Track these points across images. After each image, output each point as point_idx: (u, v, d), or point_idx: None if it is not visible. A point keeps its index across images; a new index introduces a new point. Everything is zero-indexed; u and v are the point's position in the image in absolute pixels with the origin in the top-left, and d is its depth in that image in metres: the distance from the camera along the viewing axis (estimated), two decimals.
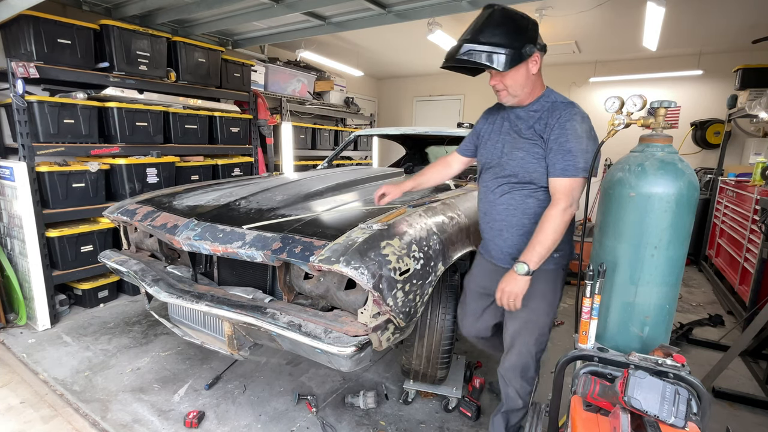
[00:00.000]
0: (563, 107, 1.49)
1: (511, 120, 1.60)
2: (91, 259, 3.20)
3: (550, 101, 1.53)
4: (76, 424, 2.04)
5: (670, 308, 1.39)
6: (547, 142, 1.48)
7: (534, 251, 1.45)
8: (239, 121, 4.33)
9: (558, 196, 1.46)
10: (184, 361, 2.60)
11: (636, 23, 4.11)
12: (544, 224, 1.45)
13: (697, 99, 5.59)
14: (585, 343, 1.31)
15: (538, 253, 1.45)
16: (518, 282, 1.47)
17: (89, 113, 3.14)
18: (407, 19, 3.49)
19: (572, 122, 1.45)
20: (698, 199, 1.36)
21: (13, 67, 2.73)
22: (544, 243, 1.44)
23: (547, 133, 1.47)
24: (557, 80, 6.33)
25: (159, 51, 3.52)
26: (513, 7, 1.48)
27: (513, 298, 1.49)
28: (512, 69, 1.46)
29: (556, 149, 1.45)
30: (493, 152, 1.63)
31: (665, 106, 1.40)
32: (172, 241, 1.93)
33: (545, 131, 1.48)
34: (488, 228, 1.71)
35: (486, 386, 2.40)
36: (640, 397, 1.00)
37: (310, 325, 1.62)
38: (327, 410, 2.19)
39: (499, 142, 1.62)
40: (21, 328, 2.99)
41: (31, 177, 2.84)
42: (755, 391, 2.42)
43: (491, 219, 1.68)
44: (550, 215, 1.45)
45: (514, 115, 1.59)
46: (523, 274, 1.45)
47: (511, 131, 1.59)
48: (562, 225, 1.44)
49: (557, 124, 1.46)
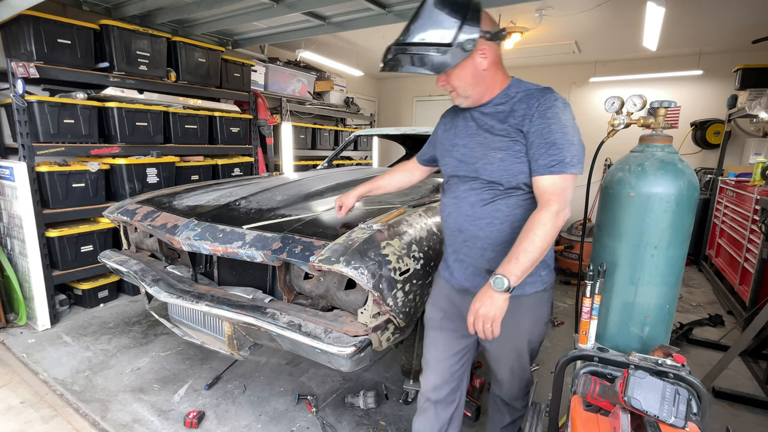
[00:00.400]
0: (540, 94, 1.23)
1: (476, 119, 1.33)
2: (91, 259, 3.20)
3: (522, 90, 1.27)
4: (76, 424, 2.04)
5: (670, 308, 1.39)
6: (527, 135, 1.21)
7: (517, 262, 1.14)
8: (239, 121, 4.33)
9: (546, 197, 1.18)
10: (184, 361, 2.60)
11: (636, 23, 4.10)
12: (532, 229, 1.16)
13: (697, 99, 5.59)
14: (585, 343, 1.31)
15: (521, 264, 1.14)
16: (495, 301, 1.16)
17: (89, 113, 3.14)
18: (407, 19, 3.49)
19: (554, 109, 1.20)
20: (698, 199, 1.36)
21: (13, 67, 2.73)
22: (529, 252, 1.14)
23: (527, 125, 1.21)
24: (557, 80, 6.33)
25: (159, 51, 3.52)
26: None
27: (490, 321, 1.17)
28: (456, 68, 1.22)
29: (539, 143, 1.19)
30: (465, 159, 1.35)
31: (665, 106, 1.40)
32: (172, 241, 1.93)
33: (523, 123, 1.22)
34: (465, 247, 1.38)
35: (486, 386, 2.40)
36: (640, 397, 1.00)
37: (310, 325, 1.62)
38: (327, 410, 2.19)
39: (468, 146, 1.34)
40: (21, 328, 2.99)
41: (31, 177, 2.84)
42: (755, 391, 2.42)
43: (471, 236, 1.35)
44: (538, 219, 1.16)
45: (478, 112, 1.32)
46: (502, 290, 1.14)
47: (480, 131, 1.31)
48: (553, 232, 1.16)
49: (536, 113, 1.20)
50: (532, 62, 6.15)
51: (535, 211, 1.19)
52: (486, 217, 1.32)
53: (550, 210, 1.16)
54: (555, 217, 1.16)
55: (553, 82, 6.43)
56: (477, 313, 1.19)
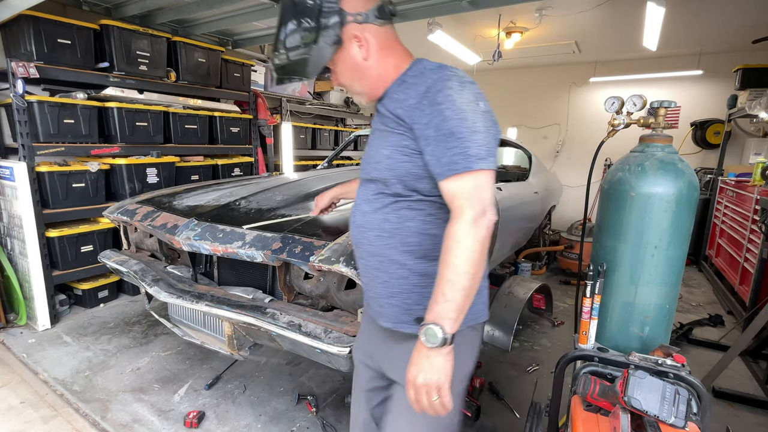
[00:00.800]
0: (431, 73, 0.98)
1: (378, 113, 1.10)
2: (91, 259, 3.20)
3: (417, 72, 1.01)
4: (76, 424, 2.04)
5: (670, 308, 1.39)
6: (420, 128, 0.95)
7: (445, 300, 0.87)
8: (239, 121, 4.33)
9: (457, 203, 0.91)
10: (184, 361, 2.60)
11: (636, 23, 4.10)
12: (449, 251, 0.89)
13: (697, 99, 5.59)
14: (585, 343, 1.31)
15: (451, 302, 0.87)
16: (434, 363, 0.88)
17: (89, 113, 3.14)
18: (407, 19, 3.49)
19: (446, 91, 0.93)
20: (698, 199, 1.36)
21: (13, 67, 2.73)
22: (456, 282, 0.87)
23: (417, 116, 0.95)
24: (557, 80, 6.34)
25: (159, 51, 3.52)
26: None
27: (435, 392, 0.88)
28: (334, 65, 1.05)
29: (434, 136, 0.93)
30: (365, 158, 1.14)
31: (665, 106, 1.40)
32: (172, 241, 1.93)
33: (411, 114, 0.97)
34: (361, 265, 1.14)
35: (486, 386, 2.40)
36: (640, 397, 1.00)
37: (310, 325, 1.62)
38: (327, 410, 2.19)
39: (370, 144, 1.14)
40: (21, 328, 2.99)
41: (31, 177, 2.84)
42: (755, 391, 2.42)
43: (363, 252, 1.11)
44: (452, 235, 0.89)
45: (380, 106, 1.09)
46: (437, 345, 0.86)
47: (379, 125, 1.09)
48: (476, 246, 0.88)
49: (426, 100, 0.95)
50: (532, 62, 6.15)
51: (448, 226, 0.92)
52: (374, 228, 1.06)
53: (463, 220, 0.89)
54: (473, 227, 0.88)
55: (553, 82, 6.46)
56: (416, 385, 0.89)
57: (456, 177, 0.91)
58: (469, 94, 0.95)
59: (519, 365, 2.67)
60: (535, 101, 6.65)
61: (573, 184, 6.36)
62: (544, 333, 3.15)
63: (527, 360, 2.73)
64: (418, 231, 1.02)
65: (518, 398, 2.32)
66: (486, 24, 4.41)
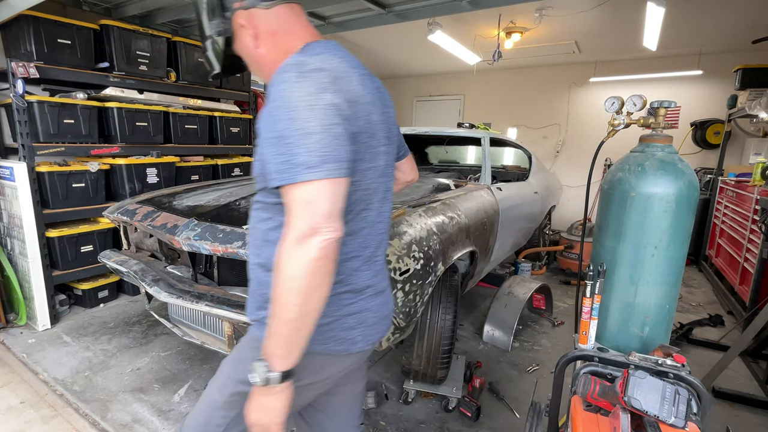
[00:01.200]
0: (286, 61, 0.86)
1: None
2: (91, 259, 3.20)
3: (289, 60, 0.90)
4: (76, 424, 2.04)
5: (670, 308, 1.39)
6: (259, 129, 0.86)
7: (270, 335, 0.79)
8: (239, 121, 4.33)
9: (288, 219, 0.78)
10: (184, 361, 2.60)
11: (636, 23, 4.11)
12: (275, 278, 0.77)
13: (697, 99, 5.59)
14: (585, 343, 1.31)
15: (279, 337, 0.78)
16: (263, 404, 0.81)
17: (89, 113, 3.14)
18: (407, 19, 3.49)
19: (280, 86, 0.81)
20: (698, 199, 1.36)
21: (13, 67, 2.73)
22: (279, 316, 0.77)
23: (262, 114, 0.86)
24: (557, 80, 6.34)
25: (159, 51, 3.52)
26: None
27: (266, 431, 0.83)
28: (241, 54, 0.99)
29: (265, 138, 0.82)
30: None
31: (665, 106, 1.40)
32: (172, 241, 1.93)
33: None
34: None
35: (486, 386, 2.40)
36: (640, 397, 1.00)
37: None
38: None
39: None
40: (21, 328, 2.99)
41: (31, 177, 2.84)
42: (755, 391, 2.42)
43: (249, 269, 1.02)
44: (278, 258, 0.77)
45: None
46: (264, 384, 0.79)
47: None
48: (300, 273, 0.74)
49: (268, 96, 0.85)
50: (532, 62, 6.15)
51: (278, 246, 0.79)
52: (255, 241, 0.96)
53: (289, 238, 0.76)
54: (296, 249, 0.74)
55: (553, 82, 6.46)
56: (249, 422, 0.84)
57: (284, 188, 0.79)
58: (309, 86, 0.80)
59: (519, 365, 2.67)
60: (535, 101, 6.65)
61: (573, 184, 6.36)
62: (544, 333, 3.15)
63: (527, 360, 2.73)
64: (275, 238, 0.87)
65: (518, 398, 2.32)
66: (486, 24, 4.41)
